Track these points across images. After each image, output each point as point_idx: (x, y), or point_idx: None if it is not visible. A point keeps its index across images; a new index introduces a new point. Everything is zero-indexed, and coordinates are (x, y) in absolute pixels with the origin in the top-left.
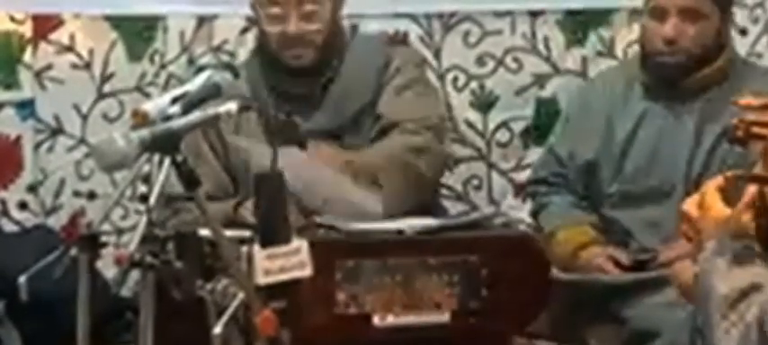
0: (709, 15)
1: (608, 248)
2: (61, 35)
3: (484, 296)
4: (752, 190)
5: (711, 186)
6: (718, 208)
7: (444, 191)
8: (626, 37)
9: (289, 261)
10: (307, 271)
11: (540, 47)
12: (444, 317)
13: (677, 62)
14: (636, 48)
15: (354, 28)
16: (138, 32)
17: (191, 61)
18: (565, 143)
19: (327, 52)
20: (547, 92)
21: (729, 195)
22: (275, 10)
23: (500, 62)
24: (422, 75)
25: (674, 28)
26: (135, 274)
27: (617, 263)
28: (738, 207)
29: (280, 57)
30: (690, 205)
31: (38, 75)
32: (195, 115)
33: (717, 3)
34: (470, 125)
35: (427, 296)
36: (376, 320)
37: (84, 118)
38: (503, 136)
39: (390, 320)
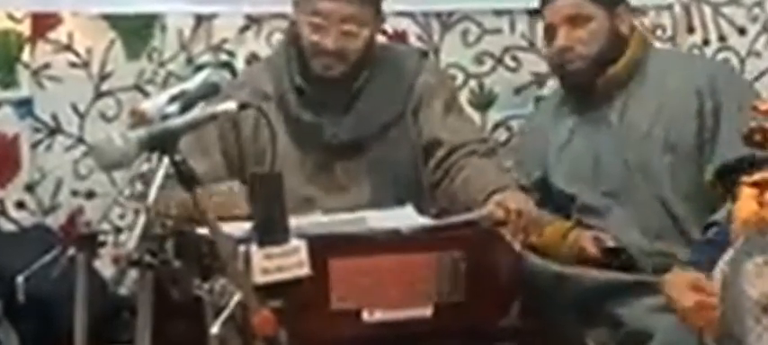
0: (595, 16)
1: (593, 231)
2: (59, 34)
3: (463, 290)
4: None
5: (745, 187)
6: (747, 207)
7: None
8: None
9: (286, 261)
10: (305, 271)
11: (539, 45)
12: (427, 311)
13: (577, 68)
14: None
15: (400, 35)
16: (136, 31)
17: (189, 60)
18: (518, 169)
19: (357, 68)
20: (545, 91)
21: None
22: (317, 20)
23: (499, 61)
24: (455, 94)
25: (564, 37)
26: (133, 273)
27: (598, 242)
28: (764, 204)
29: (309, 63)
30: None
31: (36, 73)
32: (193, 114)
33: (600, 3)
34: None
35: (412, 291)
36: (365, 315)
37: (82, 117)
38: (501, 134)
39: (378, 315)
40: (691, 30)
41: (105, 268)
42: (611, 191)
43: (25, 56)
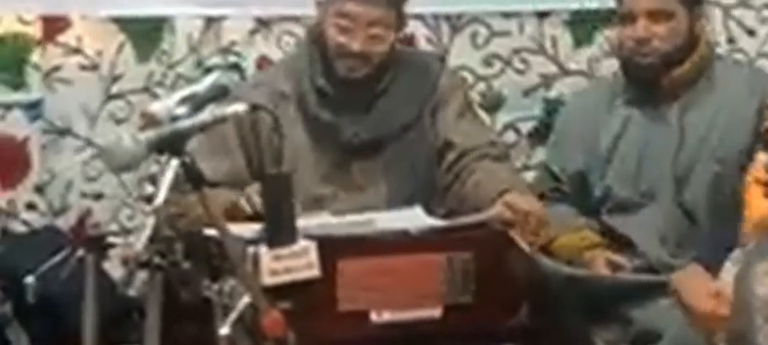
0: (677, 14)
1: (608, 252)
2: (69, 37)
3: (473, 291)
4: None
5: (751, 181)
6: (757, 206)
7: None
8: None
9: (295, 262)
10: (314, 272)
11: (548, 47)
12: (436, 312)
13: (651, 62)
14: None
15: (409, 38)
16: (145, 34)
17: (199, 62)
18: (556, 158)
19: (381, 70)
20: (554, 93)
21: None
22: (344, 22)
23: (507, 63)
24: (469, 97)
25: (644, 29)
26: (142, 274)
27: (616, 269)
28: None
29: (333, 64)
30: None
31: (46, 76)
32: (202, 116)
33: (683, 1)
34: None
35: (422, 292)
36: (373, 316)
37: (92, 119)
38: (510, 136)
39: (387, 316)
40: None
41: (114, 269)
42: (648, 191)
43: (35, 58)
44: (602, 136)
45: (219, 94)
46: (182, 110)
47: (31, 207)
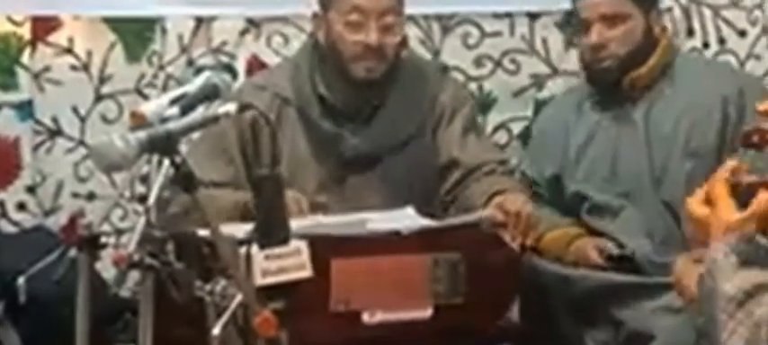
0: (632, 16)
1: (597, 239)
2: (60, 37)
3: (463, 292)
4: (763, 197)
5: (718, 180)
6: (726, 208)
7: None
8: None
9: (287, 262)
10: (306, 272)
11: (539, 48)
12: (427, 312)
13: (608, 66)
14: None
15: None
16: (136, 34)
17: (189, 62)
18: (532, 165)
19: (390, 69)
20: (545, 94)
21: (739, 192)
22: (354, 17)
23: (498, 63)
24: (476, 114)
25: (598, 35)
26: (134, 274)
27: (602, 252)
28: (746, 215)
29: (347, 67)
30: (694, 204)
31: (36, 76)
32: (193, 116)
33: (637, 3)
34: None
35: (412, 293)
36: (365, 317)
37: (83, 119)
38: (501, 137)
39: (379, 317)
40: (690, 32)
41: (107, 269)
42: (626, 192)
43: (25, 59)
44: (571, 141)
45: (210, 95)
46: (172, 111)
47: (21, 207)
